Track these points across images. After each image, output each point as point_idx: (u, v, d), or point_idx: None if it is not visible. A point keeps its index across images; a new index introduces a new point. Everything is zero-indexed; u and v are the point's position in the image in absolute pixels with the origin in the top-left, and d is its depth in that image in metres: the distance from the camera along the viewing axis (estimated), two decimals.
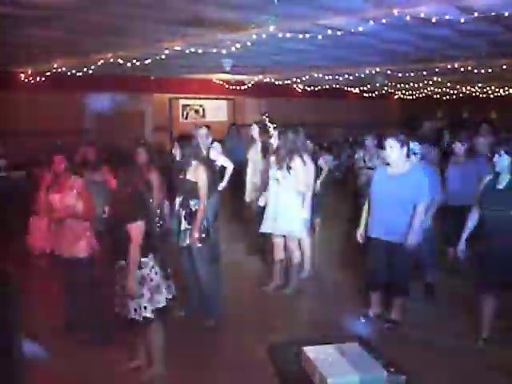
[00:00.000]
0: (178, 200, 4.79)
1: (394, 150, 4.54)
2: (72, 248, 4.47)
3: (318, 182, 6.71)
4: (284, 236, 5.68)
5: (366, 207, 4.93)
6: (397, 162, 4.59)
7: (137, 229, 3.67)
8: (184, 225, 4.70)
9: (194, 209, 4.67)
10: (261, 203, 5.75)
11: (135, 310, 3.71)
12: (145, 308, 3.72)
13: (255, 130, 6.50)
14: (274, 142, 5.90)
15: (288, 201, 5.50)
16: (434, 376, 3.93)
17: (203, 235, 4.69)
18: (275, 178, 5.50)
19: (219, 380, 4.01)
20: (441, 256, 6.44)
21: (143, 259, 3.73)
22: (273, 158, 5.61)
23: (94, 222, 4.53)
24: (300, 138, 5.74)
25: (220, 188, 6.45)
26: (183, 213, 4.71)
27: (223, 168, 6.53)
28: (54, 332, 4.57)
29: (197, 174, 4.70)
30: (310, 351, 3.44)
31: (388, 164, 4.68)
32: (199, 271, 4.79)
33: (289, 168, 5.43)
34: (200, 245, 4.69)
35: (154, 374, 3.94)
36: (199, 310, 4.96)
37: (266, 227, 5.64)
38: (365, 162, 7.31)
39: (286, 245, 5.74)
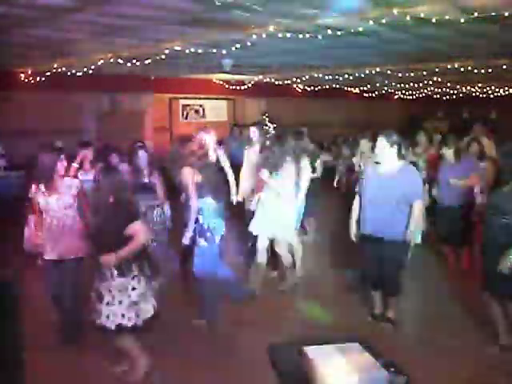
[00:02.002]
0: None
1: (384, 149, 4.55)
2: (68, 248, 4.43)
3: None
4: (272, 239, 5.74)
5: (354, 207, 4.93)
6: (387, 161, 4.59)
7: (140, 228, 3.68)
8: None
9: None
10: (252, 207, 5.82)
11: (108, 316, 3.62)
12: (122, 316, 3.62)
13: (255, 133, 6.49)
14: (270, 145, 5.90)
15: (281, 206, 5.52)
16: (434, 376, 3.93)
17: (208, 235, 4.74)
18: (265, 181, 5.54)
19: (219, 380, 4.01)
20: (438, 256, 6.46)
21: (127, 267, 3.67)
22: (265, 161, 5.64)
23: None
24: (300, 141, 5.80)
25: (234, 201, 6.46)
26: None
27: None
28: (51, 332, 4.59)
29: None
30: (310, 351, 3.45)
31: (378, 163, 4.68)
32: (195, 269, 4.87)
33: (277, 172, 5.46)
34: (203, 244, 4.76)
35: (137, 377, 3.87)
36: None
37: (254, 228, 5.67)
38: (360, 166, 7.34)
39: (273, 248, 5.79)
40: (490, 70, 11.60)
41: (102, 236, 3.75)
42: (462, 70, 11.36)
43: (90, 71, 10.94)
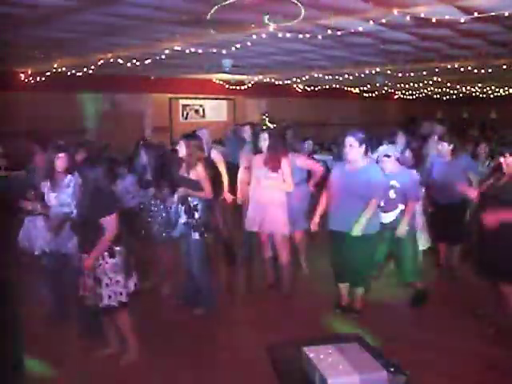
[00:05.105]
0: (176, 196, 4.96)
1: (352, 147, 4.74)
2: (70, 244, 4.50)
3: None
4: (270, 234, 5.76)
5: (322, 199, 5.10)
6: (355, 159, 4.78)
7: (112, 221, 3.83)
8: (184, 218, 4.88)
9: (192, 205, 4.85)
10: (238, 201, 6.07)
11: (109, 296, 3.85)
12: (120, 294, 3.90)
13: (247, 133, 6.54)
14: (264, 143, 5.87)
15: (271, 199, 5.47)
16: (434, 376, 3.93)
17: (203, 229, 4.84)
18: (258, 177, 5.52)
19: (219, 380, 4.01)
20: (434, 254, 6.45)
21: (117, 248, 3.90)
22: (259, 159, 5.61)
23: None
24: (288, 138, 5.85)
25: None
26: (182, 208, 4.90)
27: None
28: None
29: (198, 172, 4.85)
30: (310, 351, 3.44)
31: (346, 160, 4.85)
32: (193, 262, 4.94)
33: (276, 169, 5.42)
34: (198, 238, 4.83)
35: (131, 360, 4.06)
36: (194, 300, 5.09)
37: (249, 225, 5.66)
38: None
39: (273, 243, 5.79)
40: (490, 70, 11.61)
41: (82, 226, 3.93)
42: (462, 69, 11.36)
43: (90, 71, 10.94)
